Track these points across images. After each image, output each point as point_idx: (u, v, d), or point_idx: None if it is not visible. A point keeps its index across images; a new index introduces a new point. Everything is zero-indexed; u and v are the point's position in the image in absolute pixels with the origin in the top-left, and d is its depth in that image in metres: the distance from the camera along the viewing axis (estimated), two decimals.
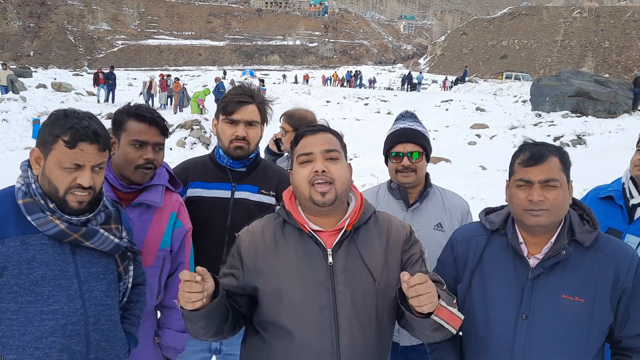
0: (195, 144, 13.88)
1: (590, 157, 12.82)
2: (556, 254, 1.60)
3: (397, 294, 1.55)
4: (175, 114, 19.36)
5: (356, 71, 54.20)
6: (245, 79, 39.27)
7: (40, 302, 1.61)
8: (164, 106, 23.18)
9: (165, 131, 2.15)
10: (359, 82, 48.70)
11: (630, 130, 14.80)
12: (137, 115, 2.07)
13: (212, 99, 21.63)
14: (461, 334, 1.84)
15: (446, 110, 24.64)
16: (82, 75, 40.29)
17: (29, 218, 1.61)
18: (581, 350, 1.60)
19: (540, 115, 19.07)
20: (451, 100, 26.91)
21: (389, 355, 1.72)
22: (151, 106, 4.48)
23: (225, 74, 41.11)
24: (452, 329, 1.44)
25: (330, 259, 1.58)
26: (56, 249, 1.64)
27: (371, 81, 52.51)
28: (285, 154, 3.25)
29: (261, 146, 2.52)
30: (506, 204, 1.77)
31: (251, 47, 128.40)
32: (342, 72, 63.63)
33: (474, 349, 1.75)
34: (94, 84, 23.96)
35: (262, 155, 2.83)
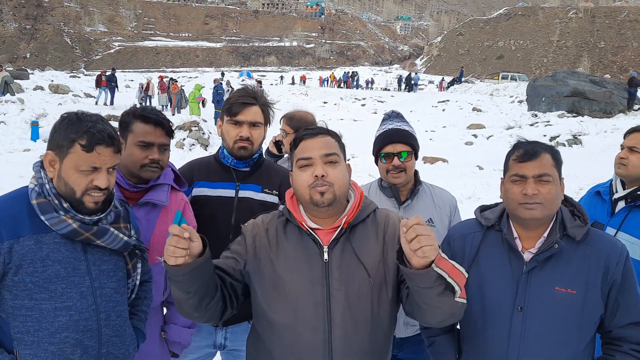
0: (193, 145, 13.88)
1: (586, 157, 12.94)
2: (549, 247, 1.67)
3: (396, 255, 1.53)
4: (173, 115, 19.37)
5: (353, 72, 54.26)
6: (243, 80, 39.26)
7: (54, 298, 1.66)
8: (164, 107, 23.02)
9: (170, 132, 2.20)
10: (355, 83, 48.75)
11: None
12: (143, 117, 2.12)
13: (211, 99, 21.63)
14: (458, 327, 1.91)
15: (443, 110, 24.70)
16: (79, 77, 40.06)
17: (42, 218, 1.65)
18: (574, 340, 1.67)
19: (536, 116, 19.13)
20: (448, 101, 26.99)
21: (389, 351, 1.74)
22: None
23: (223, 75, 41.07)
24: (456, 286, 1.42)
25: (326, 256, 1.62)
26: (68, 248, 1.69)
27: (369, 82, 52.55)
28: (286, 156, 3.28)
29: (262, 147, 2.58)
30: (501, 201, 1.84)
31: (248, 48, 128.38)
32: (338, 73, 63.73)
33: (471, 340, 1.81)
34: (96, 86, 23.81)
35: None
